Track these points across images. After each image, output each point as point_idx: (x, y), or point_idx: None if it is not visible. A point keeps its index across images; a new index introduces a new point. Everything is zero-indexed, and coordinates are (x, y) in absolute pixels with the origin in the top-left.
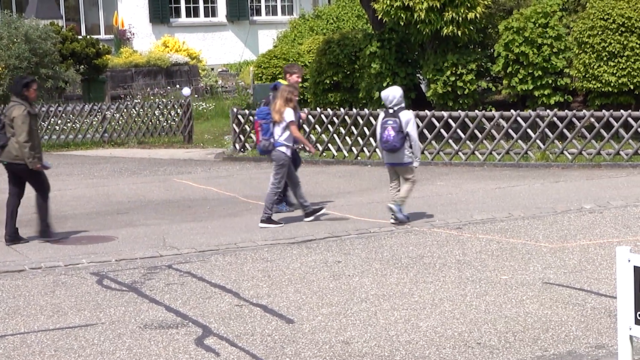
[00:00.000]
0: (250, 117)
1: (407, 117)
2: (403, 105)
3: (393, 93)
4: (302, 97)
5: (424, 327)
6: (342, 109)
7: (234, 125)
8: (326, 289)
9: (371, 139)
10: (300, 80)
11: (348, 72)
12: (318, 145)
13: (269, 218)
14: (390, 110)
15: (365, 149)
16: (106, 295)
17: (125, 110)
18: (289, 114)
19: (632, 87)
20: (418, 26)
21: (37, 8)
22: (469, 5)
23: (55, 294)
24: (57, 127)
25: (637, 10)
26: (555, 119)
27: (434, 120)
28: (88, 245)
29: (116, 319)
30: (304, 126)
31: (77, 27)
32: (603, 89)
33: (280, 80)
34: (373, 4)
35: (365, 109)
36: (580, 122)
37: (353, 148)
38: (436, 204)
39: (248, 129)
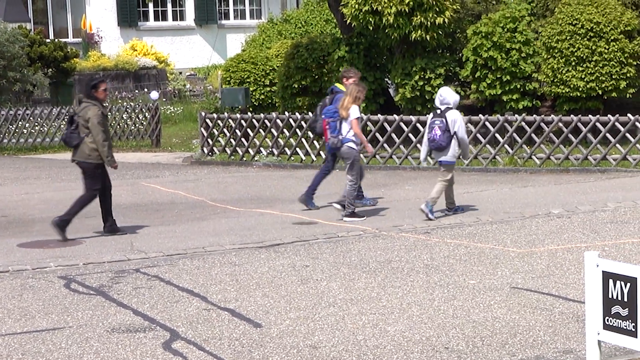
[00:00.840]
0: (219, 121)
1: (453, 117)
2: (451, 106)
3: (444, 94)
4: (270, 101)
5: (392, 331)
6: (310, 113)
7: (202, 129)
8: (294, 293)
9: None
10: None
11: (316, 76)
12: (286, 149)
13: (352, 212)
14: (438, 111)
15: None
16: (74, 299)
17: None
18: (354, 111)
19: (600, 92)
20: (386, 30)
21: (5, 11)
22: (437, 10)
23: (22, 298)
24: (25, 131)
25: (605, 15)
26: (523, 123)
27: (402, 124)
28: (56, 249)
29: (84, 322)
30: (272, 130)
31: (45, 31)
32: (571, 94)
33: (337, 84)
34: (342, 8)
35: None
36: (548, 127)
37: (321, 152)
38: (404, 208)
39: (216, 132)
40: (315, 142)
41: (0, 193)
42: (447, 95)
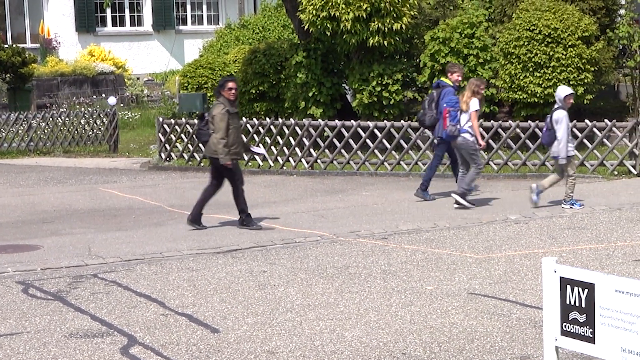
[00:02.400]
0: (177, 127)
1: (557, 115)
2: (561, 104)
3: (557, 92)
4: None
5: (349, 337)
6: (267, 119)
7: (160, 134)
8: (251, 298)
9: (297, 148)
10: (460, 78)
11: (274, 82)
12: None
13: (464, 194)
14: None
15: (291, 158)
16: (32, 304)
17: (51, 119)
18: (474, 104)
19: None
20: (344, 36)
21: None
22: (395, 15)
23: None
24: None
25: (563, 21)
26: (481, 129)
27: (359, 130)
28: (13, 254)
29: (42, 327)
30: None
31: (3, 36)
32: (529, 100)
33: (442, 79)
34: (299, 14)
35: (291, 119)
36: (506, 133)
37: (279, 158)
38: (362, 214)
39: (173, 138)
40: (272, 147)
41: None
42: (557, 92)
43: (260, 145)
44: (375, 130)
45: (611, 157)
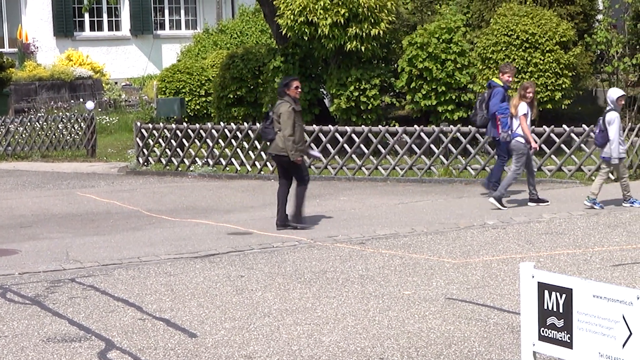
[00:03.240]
0: (154, 131)
1: (609, 117)
2: (613, 106)
3: (609, 94)
4: (205, 111)
5: (327, 342)
6: (245, 124)
7: (138, 139)
8: (229, 303)
9: None
10: (511, 79)
11: (252, 87)
12: (221, 160)
13: (500, 198)
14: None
15: (268, 163)
16: (9, 308)
17: (28, 123)
18: (522, 108)
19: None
20: (322, 41)
21: None
22: (372, 21)
23: None
24: None
25: (541, 26)
26: (458, 134)
27: (337, 135)
28: None
29: (19, 332)
30: (207, 140)
31: None
32: None
33: (494, 79)
34: (277, 19)
35: None
36: (483, 138)
37: (256, 162)
38: (339, 219)
39: (151, 142)
40: (250, 152)
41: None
42: (609, 94)
43: (315, 149)
44: (353, 135)
45: (589, 162)
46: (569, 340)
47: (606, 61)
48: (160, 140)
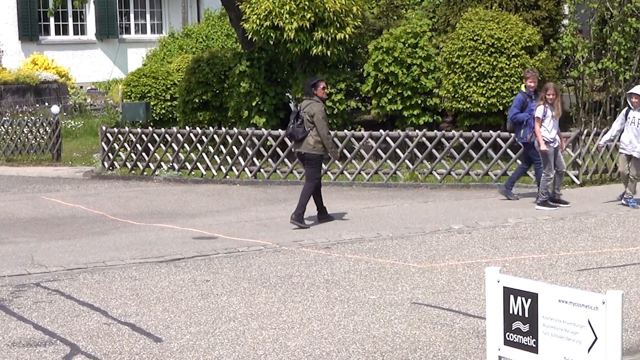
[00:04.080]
0: (120, 136)
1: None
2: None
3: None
4: (171, 116)
5: (292, 346)
6: (211, 128)
7: (103, 143)
8: (194, 307)
9: (240, 158)
10: (533, 84)
11: (217, 91)
12: (187, 164)
13: (545, 201)
14: None
15: (234, 168)
16: None
17: None
18: (538, 110)
19: (501, 107)
20: (288, 46)
21: None
22: (338, 25)
23: None
24: None
25: (506, 31)
26: (424, 139)
27: None
28: None
29: None
30: (173, 144)
31: None
32: (472, 110)
33: (522, 86)
34: (243, 23)
35: (234, 128)
36: (449, 143)
37: (222, 167)
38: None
39: (117, 147)
40: (215, 157)
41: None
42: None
43: None
44: None
45: None
46: (534, 345)
47: (572, 66)
48: (126, 144)
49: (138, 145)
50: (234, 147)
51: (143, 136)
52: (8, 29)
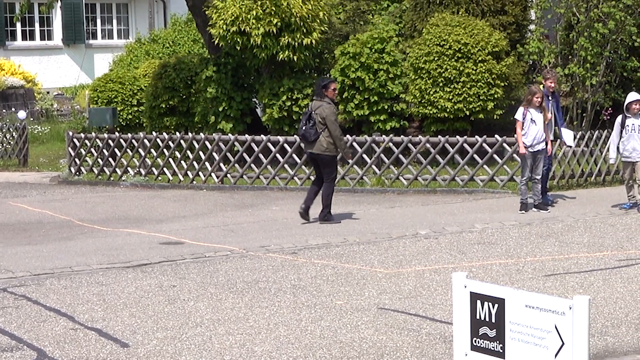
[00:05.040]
0: (86, 141)
1: None
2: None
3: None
4: (137, 121)
5: (259, 352)
6: (177, 133)
7: (70, 148)
8: (161, 313)
9: (207, 163)
10: (553, 84)
11: (184, 97)
12: (154, 169)
13: (538, 204)
14: None
15: (200, 173)
16: None
17: None
18: (518, 113)
19: (467, 113)
20: (254, 51)
21: None
22: (305, 30)
23: None
24: None
25: (473, 36)
26: (391, 144)
27: (269, 145)
28: None
29: None
30: (139, 150)
31: None
32: (439, 115)
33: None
34: (209, 28)
35: (201, 133)
36: (416, 148)
37: (189, 172)
38: (271, 228)
39: (83, 152)
40: (182, 162)
41: None
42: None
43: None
44: (286, 145)
45: (501, 172)
46: (501, 350)
47: (538, 71)
48: (93, 149)
49: (105, 150)
50: (201, 153)
51: (110, 141)
52: None
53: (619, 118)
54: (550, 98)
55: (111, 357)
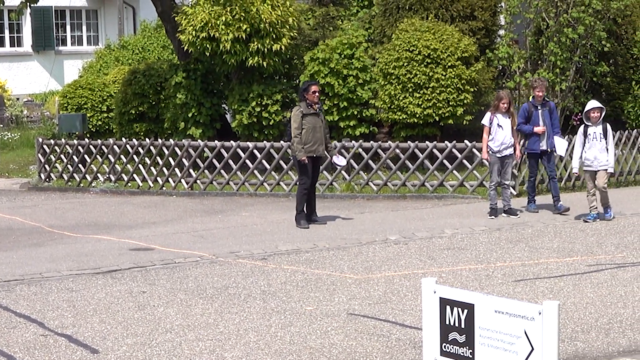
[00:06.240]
0: (56, 147)
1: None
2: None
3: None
4: (107, 127)
5: (229, 357)
6: (147, 139)
7: (39, 155)
8: (131, 319)
9: (176, 169)
10: (541, 94)
11: (154, 103)
12: (123, 175)
13: (491, 209)
14: None
15: (170, 179)
16: None
17: None
18: (485, 119)
19: (437, 118)
20: (224, 57)
21: None
22: (274, 36)
23: None
24: None
25: (442, 42)
26: (360, 150)
27: (239, 151)
28: None
29: None
30: (109, 156)
31: None
32: (408, 120)
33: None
34: (179, 34)
35: (171, 139)
36: (385, 154)
37: (158, 178)
38: (241, 234)
39: (53, 158)
40: (152, 168)
41: None
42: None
43: (342, 157)
44: (255, 151)
45: (471, 177)
46: (470, 356)
47: (508, 76)
48: (62, 156)
49: (75, 157)
50: (171, 159)
51: (79, 148)
52: None
53: (582, 127)
54: (539, 107)
55: None
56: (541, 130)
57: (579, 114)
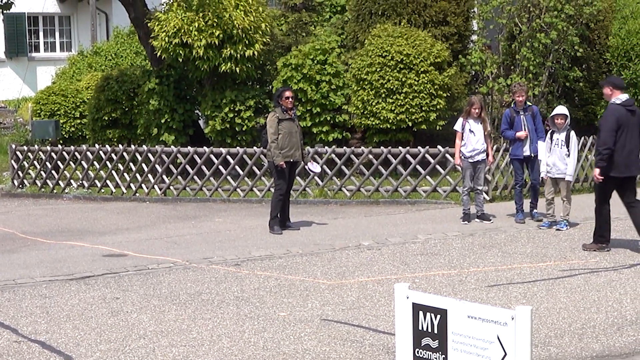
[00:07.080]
0: (29, 154)
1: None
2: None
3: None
4: (80, 133)
5: None
6: (120, 145)
7: (13, 161)
8: (105, 325)
9: (150, 175)
10: (521, 99)
11: (127, 109)
12: (97, 182)
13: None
14: None
15: (143, 185)
16: None
17: None
18: (457, 124)
19: (410, 124)
20: (196, 63)
21: None
22: (247, 42)
23: None
24: None
25: (415, 47)
26: (333, 155)
27: (212, 156)
28: None
29: None
30: (82, 162)
31: None
32: (381, 126)
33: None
34: (152, 41)
35: (144, 145)
36: (358, 159)
37: (131, 184)
38: (214, 240)
39: (26, 165)
40: (125, 174)
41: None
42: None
43: (317, 163)
44: (228, 157)
45: (444, 183)
46: None
47: (481, 82)
48: (36, 162)
49: (48, 163)
50: (144, 165)
51: (53, 154)
52: None
53: (550, 132)
54: (521, 113)
55: None
56: (523, 135)
57: None
